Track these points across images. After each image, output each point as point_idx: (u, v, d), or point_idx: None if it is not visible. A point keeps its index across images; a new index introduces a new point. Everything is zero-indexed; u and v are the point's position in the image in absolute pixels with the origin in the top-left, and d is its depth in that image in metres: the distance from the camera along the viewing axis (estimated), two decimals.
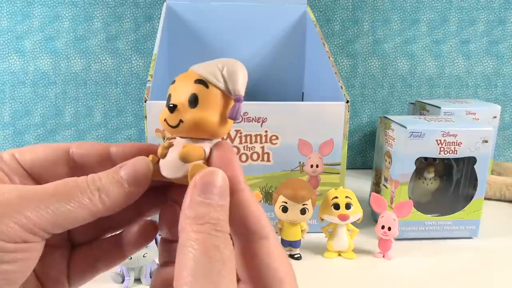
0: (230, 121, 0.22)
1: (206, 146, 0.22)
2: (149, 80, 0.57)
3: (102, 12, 0.85)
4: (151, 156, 0.22)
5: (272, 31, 0.82)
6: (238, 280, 0.21)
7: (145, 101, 0.53)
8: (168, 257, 0.24)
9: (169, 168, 0.21)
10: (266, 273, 0.20)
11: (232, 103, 0.22)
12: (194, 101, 0.21)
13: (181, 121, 0.21)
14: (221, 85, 0.21)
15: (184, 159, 0.21)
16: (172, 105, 0.21)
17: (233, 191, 0.20)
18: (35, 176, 0.23)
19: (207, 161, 0.21)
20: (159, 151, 0.22)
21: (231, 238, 0.21)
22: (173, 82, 0.22)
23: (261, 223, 0.21)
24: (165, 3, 0.76)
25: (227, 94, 0.21)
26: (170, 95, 0.22)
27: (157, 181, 0.22)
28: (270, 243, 0.21)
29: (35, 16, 0.84)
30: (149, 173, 0.21)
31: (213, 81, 0.21)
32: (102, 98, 0.89)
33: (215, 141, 0.22)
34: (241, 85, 0.21)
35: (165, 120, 0.22)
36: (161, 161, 0.22)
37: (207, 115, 0.21)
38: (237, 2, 0.79)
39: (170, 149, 0.22)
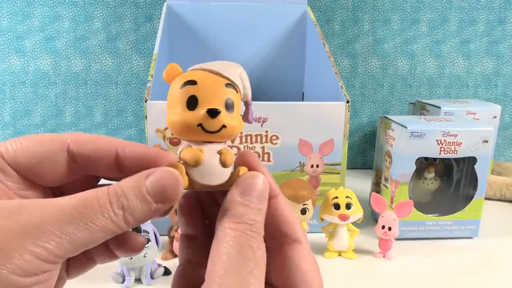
0: None
1: (228, 148, 0.22)
2: (149, 80, 0.57)
3: (102, 12, 0.85)
4: (181, 166, 0.20)
5: (272, 31, 0.82)
6: (266, 284, 0.21)
7: (146, 101, 0.53)
8: (189, 255, 0.23)
9: (210, 175, 0.21)
10: (295, 275, 0.21)
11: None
12: (231, 106, 0.21)
13: (224, 126, 0.20)
14: (242, 89, 0.22)
15: (227, 164, 0.21)
16: (214, 110, 0.20)
17: (269, 197, 0.21)
18: (30, 177, 0.21)
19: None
20: (194, 158, 0.20)
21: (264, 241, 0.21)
22: (194, 82, 0.21)
23: (295, 228, 0.22)
24: (165, 3, 0.76)
25: (241, 98, 0.22)
26: (194, 98, 0.20)
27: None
28: (303, 247, 0.21)
29: (35, 16, 0.84)
30: (180, 189, 0.19)
31: (239, 86, 0.21)
32: (102, 98, 0.89)
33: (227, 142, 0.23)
34: (250, 89, 0.22)
35: (199, 124, 0.20)
36: (197, 169, 0.20)
37: (238, 119, 0.21)
38: (237, 2, 0.79)
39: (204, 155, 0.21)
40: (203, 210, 0.24)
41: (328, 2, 0.88)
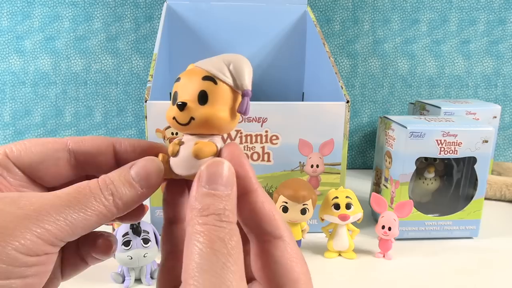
0: (238, 116, 0.22)
1: (217, 142, 0.22)
2: (149, 80, 0.57)
3: (102, 12, 0.85)
4: (160, 155, 0.22)
5: (272, 31, 0.82)
6: (253, 279, 0.21)
7: (146, 101, 0.53)
8: (170, 245, 0.23)
9: (182, 165, 0.21)
10: (280, 273, 0.20)
11: (239, 98, 0.22)
12: (204, 98, 0.21)
13: (192, 118, 0.21)
14: (229, 80, 0.21)
15: (198, 156, 0.21)
16: (181, 103, 0.21)
17: (246, 192, 0.21)
18: (33, 176, 0.22)
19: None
20: (170, 148, 0.22)
21: (251, 239, 0.21)
22: (178, 79, 0.22)
23: (275, 224, 0.21)
24: (165, 3, 0.76)
25: (234, 90, 0.22)
26: (176, 93, 0.22)
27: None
28: (285, 243, 0.20)
29: (35, 16, 0.84)
30: (160, 174, 0.21)
31: (221, 77, 0.21)
32: (102, 98, 0.89)
33: (221, 136, 0.23)
34: (248, 80, 0.22)
35: (174, 118, 0.21)
36: (173, 159, 0.22)
37: (218, 111, 0.21)
38: (237, 2, 0.79)
39: (181, 146, 0.22)
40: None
41: (328, 2, 0.88)
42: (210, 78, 0.21)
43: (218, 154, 0.22)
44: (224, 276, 0.17)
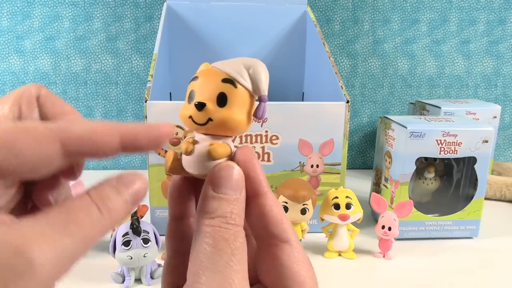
0: (252, 119, 0.23)
1: (230, 143, 0.22)
2: (149, 80, 0.57)
3: (102, 12, 0.85)
4: (172, 152, 0.22)
5: (272, 31, 0.82)
6: (258, 281, 0.21)
7: (146, 101, 0.53)
8: (176, 243, 0.23)
9: (195, 165, 0.22)
10: (286, 277, 0.20)
11: (254, 101, 0.22)
12: (223, 100, 0.21)
13: (210, 119, 0.21)
14: (248, 85, 0.22)
15: (213, 157, 0.21)
16: (200, 103, 0.21)
17: (256, 194, 0.21)
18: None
19: (231, 160, 0.22)
20: (184, 146, 0.22)
21: (257, 241, 0.21)
22: (195, 78, 0.22)
23: (283, 227, 0.21)
24: (165, 3, 0.76)
25: (252, 94, 0.22)
26: (193, 92, 0.22)
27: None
28: (291, 247, 0.21)
29: (35, 16, 0.84)
30: (146, 192, 0.20)
31: (241, 81, 0.21)
32: (102, 98, 0.89)
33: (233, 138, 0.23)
34: (266, 85, 0.22)
35: (190, 117, 0.21)
36: (185, 157, 0.22)
37: (235, 114, 0.21)
38: (237, 2, 0.79)
39: (195, 146, 0.22)
40: (195, 190, 0.23)
41: (328, 2, 0.88)
42: (230, 81, 0.21)
43: (231, 156, 0.22)
44: (227, 274, 0.18)
